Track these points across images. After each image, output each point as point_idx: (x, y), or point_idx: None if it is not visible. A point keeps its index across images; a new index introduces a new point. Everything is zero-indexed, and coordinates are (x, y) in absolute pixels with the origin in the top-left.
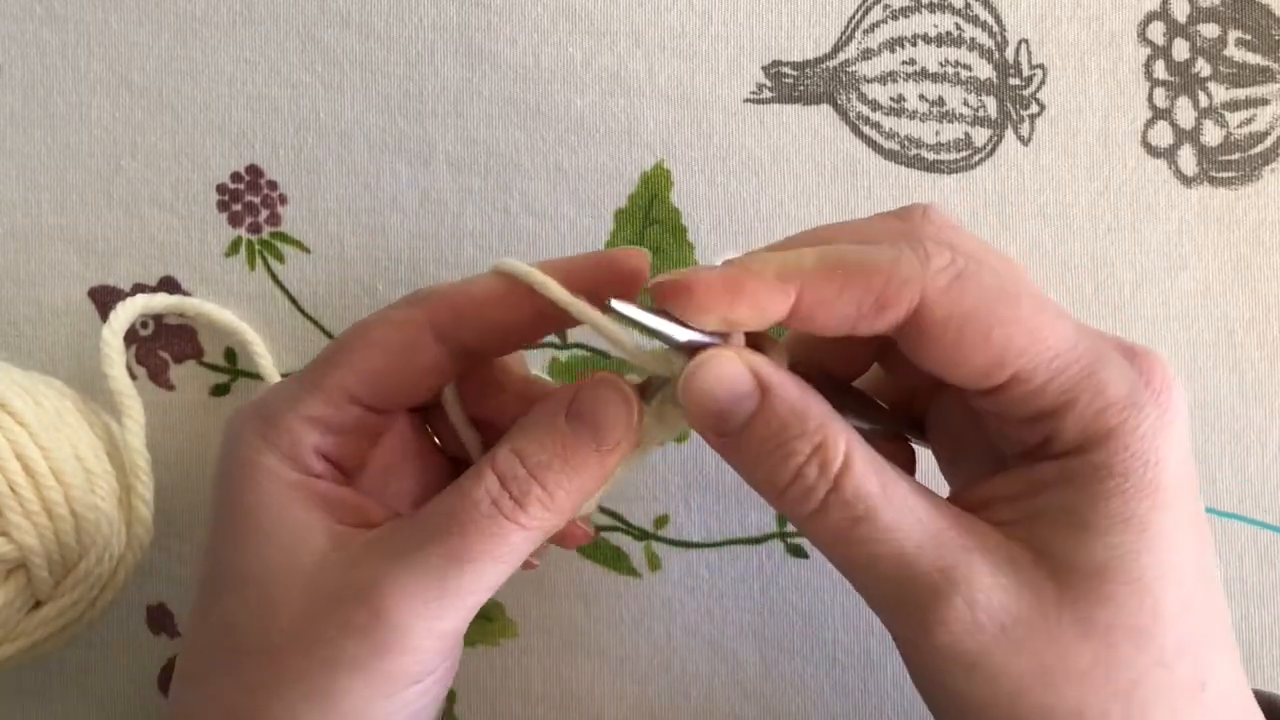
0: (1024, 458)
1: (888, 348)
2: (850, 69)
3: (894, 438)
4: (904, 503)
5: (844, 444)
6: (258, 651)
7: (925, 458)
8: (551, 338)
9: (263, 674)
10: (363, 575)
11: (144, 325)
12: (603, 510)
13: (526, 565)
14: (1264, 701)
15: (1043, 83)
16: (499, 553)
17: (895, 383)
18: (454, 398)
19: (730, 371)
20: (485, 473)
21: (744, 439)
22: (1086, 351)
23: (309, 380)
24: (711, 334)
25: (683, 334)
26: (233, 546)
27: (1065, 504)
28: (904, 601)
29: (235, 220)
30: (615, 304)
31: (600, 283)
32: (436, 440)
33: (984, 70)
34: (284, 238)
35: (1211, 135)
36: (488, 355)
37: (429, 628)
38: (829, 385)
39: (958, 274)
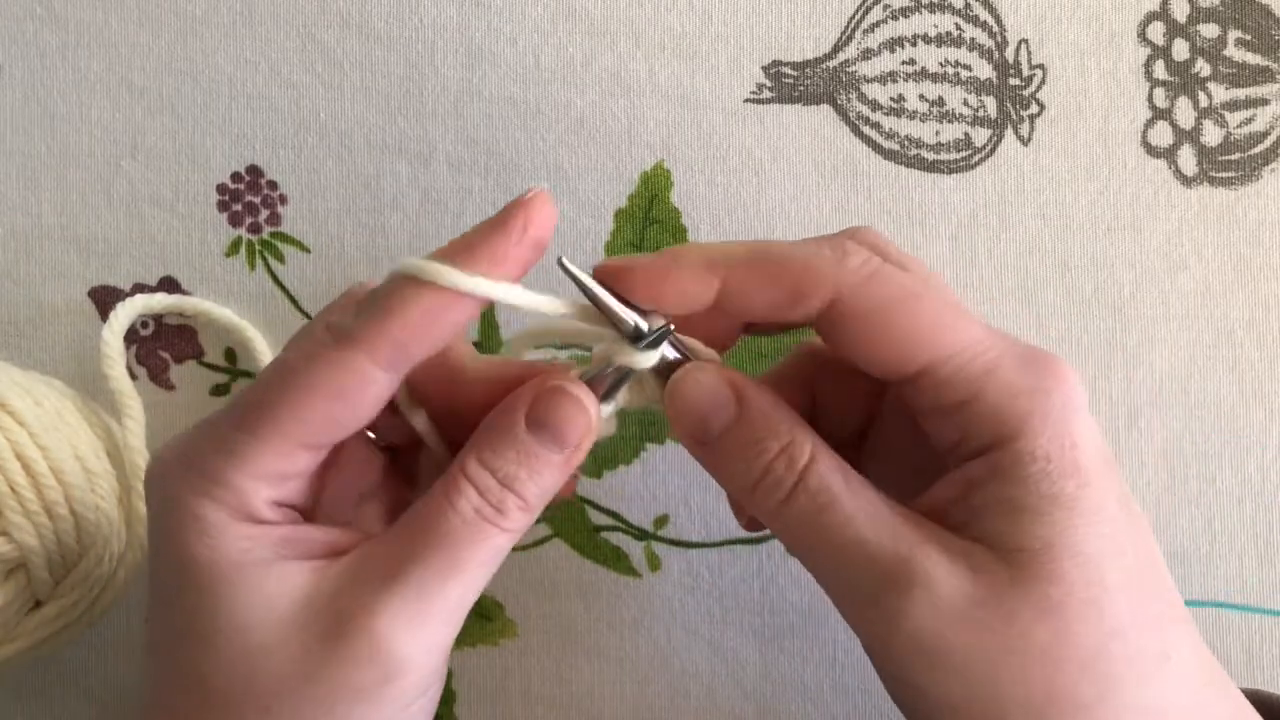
0: (956, 462)
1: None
2: (850, 69)
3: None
4: (864, 496)
5: (810, 444)
6: (241, 701)
7: None
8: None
9: (236, 705)
10: (354, 605)
11: (144, 325)
12: (602, 510)
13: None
14: (1260, 701)
15: (1043, 83)
16: (486, 558)
17: (829, 407)
18: (407, 400)
19: (709, 383)
20: (463, 485)
21: (721, 443)
22: (991, 348)
23: (248, 431)
24: (649, 315)
25: (626, 312)
26: (195, 602)
27: (1000, 494)
28: (867, 591)
29: (235, 220)
30: (564, 262)
31: (512, 251)
32: (370, 434)
33: (984, 70)
34: (284, 238)
35: (1211, 135)
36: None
37: (427, 645)
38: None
39: (872, 273)
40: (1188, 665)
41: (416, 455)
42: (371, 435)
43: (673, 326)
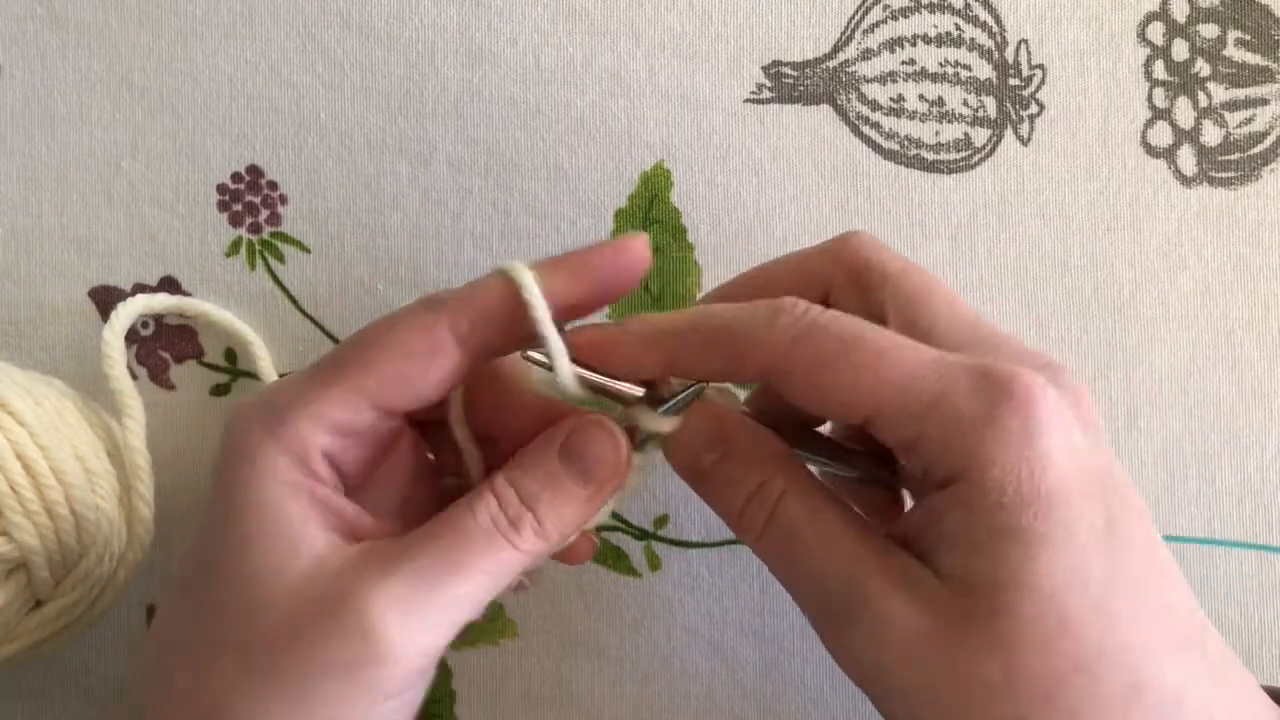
0: (927, 490)
1: None
2: (850, 69)
3: (872, 482)
4: (829, 530)
5: (783, 481)
6: (238, 647)
7: None
8: None
9: (241, 669)
10: (351, 582)
11: (144, 325)
12: None
13: (518, 588)
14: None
15: (1042, 83)
16: (490, 566)
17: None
18: (460, 415)
19: (702, 429)
20: (486, 495)
21: (714, 475)
22: (935, 381)
23: (323, 377)
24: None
25: (622, 387)
26: (226, 539)
27: (956, 526)
28: (825, 618)
29: (235, 220)
30: (532, 355)
31: (605, 282)
32: (431, 456)
33: (984, 70)
34: (284, 238)
35: (1211, 135)
36: (497, 355)
37: (413, 639)
38: (795, 433)
39: (799, 333)
40: (1169, 695)
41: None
42: (432, 457)
43: (705, 388)
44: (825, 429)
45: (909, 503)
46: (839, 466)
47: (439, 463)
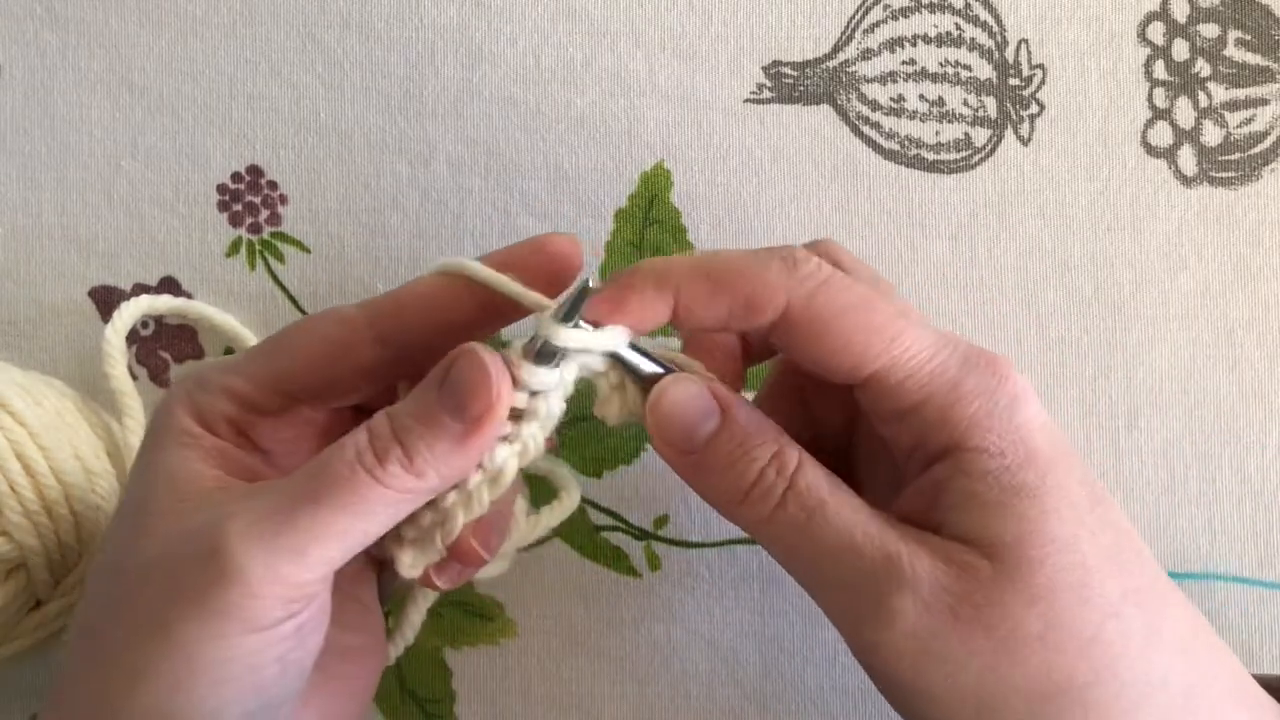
0: (915, 467)
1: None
2: (850, 69)
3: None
4: (850, 501)
5: (797, 451)
6: (117, 572)
7: None
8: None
9: (115, 596)
10: (212, 511)
11: (145, 325)
12: (602, 510)
13: (424, 582)
14: (1269, 685)
15: (1043, 83)
16: (349, 503)
17: (810, 422)
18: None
19: (693, 392)
20: (360, 430)
21: (707, 453)
22: (938, 353)
23: (247, 358)
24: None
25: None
26: (133, 482)
27: (966, 491)
28: (857, 594)
29: (236, 220)
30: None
31: (535, 269)
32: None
33: (984, 70)
34: (284, 238)
35: (1211, 135)
36: (434, 353)
37: (268, 567)
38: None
39: (821, 282)
40: (1181, 636)
41: None
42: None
43: (590, 283)
44: None
45: None
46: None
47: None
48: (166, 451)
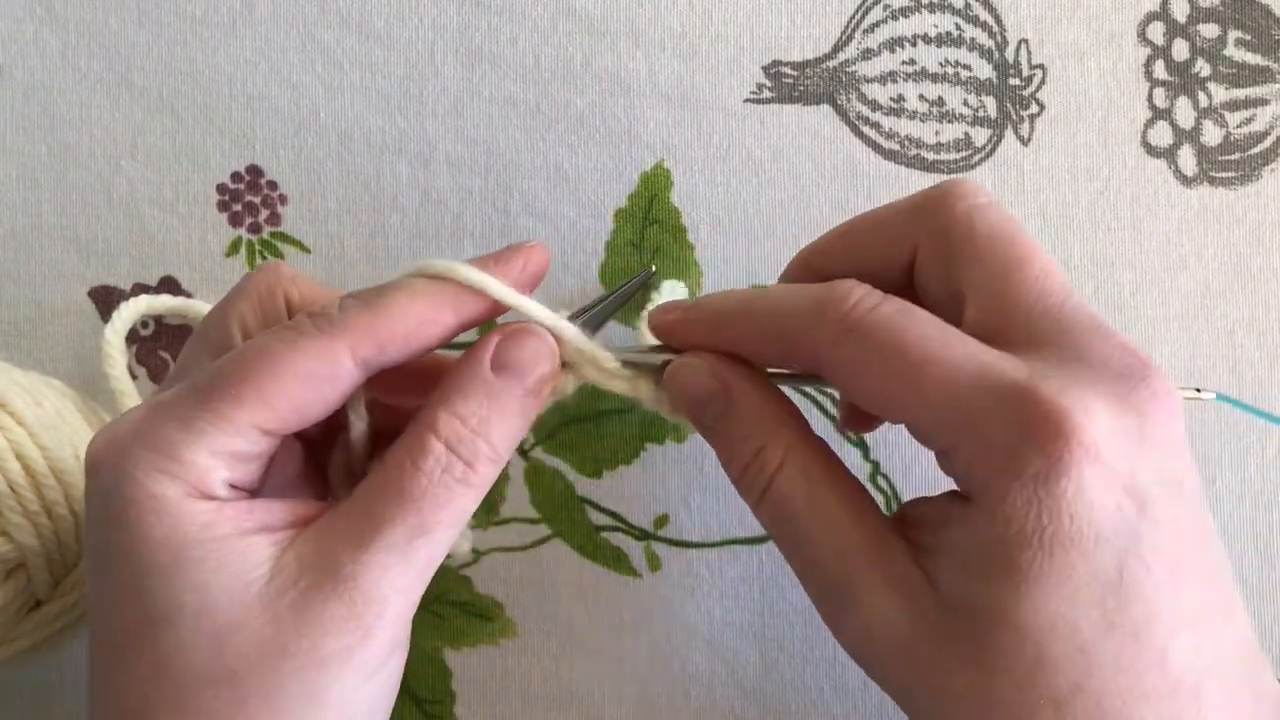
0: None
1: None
2: (850, 69)
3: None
4: (824, 512)
5: (782, 452)
6: (214, 683)
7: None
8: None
9: (230, 698)
10: (331, 569)
11: (144, 325)
12: (602, 510)
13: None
14: None
15: (1043, 83)
16: (455, 518)
17: None
18: (364, 428)
19: (695, 377)
20: (430, 443)
21: (718, 430)
22: (970, 401)
23: (211, 409)
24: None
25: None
26: (154, 585)
27: (961, 544)
28: (820, 595)
29: (235, 220)
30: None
31: (515, 277)
32: None
33: (984, 70)
34: (284, 238)
35: (1211, 135)
36: (406, 365)
37: (402, 603)
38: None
39: (844, 329)
40: None
41: (328, 449)
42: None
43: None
44: None
45: None
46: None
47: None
48: (196, 541)
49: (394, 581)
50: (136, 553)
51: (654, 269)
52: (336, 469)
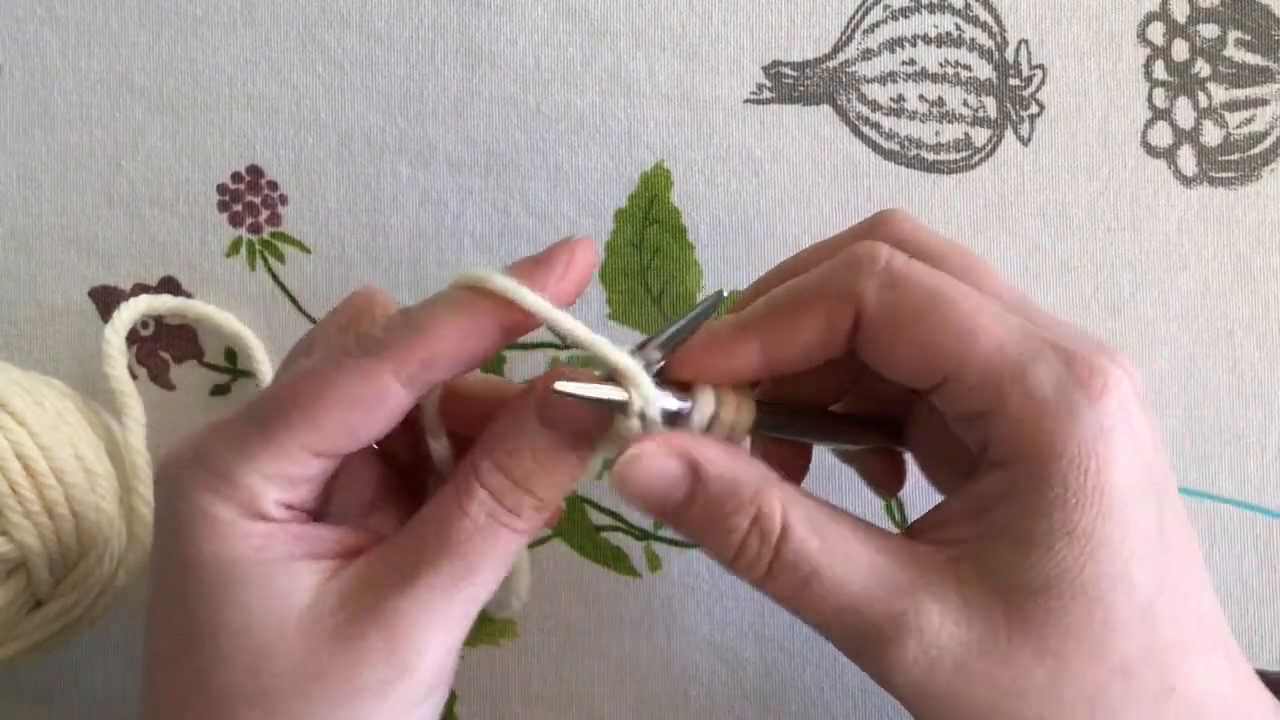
0: (979, 467)
1: (858, 368)
2: (850, 69)
3: (880, 452)
4: (846, 552)
5: (780, 510)
6: (249, 702)
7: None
8: (552, 338)
9: (264, 718)
10: (372, 603)
11: (145, 325)
12: (602, 510)
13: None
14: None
15: (1043, 83)
16: (500, 562)
17: (868, 398)
18: (435, 419)
19: (656, 466)
20: (476, 491)
21: (685, 517)
22: (1027, 350)
23: (262, 432)
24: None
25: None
26: (200, 600)
27: (1010, 519)
28: (862, 649)
29: (236, 220)
30: (561, 386)
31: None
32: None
33: (984, 70)
34: (284, 238)
35: (1211, 135)
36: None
37: (443, 643)
38: (807, 415)
39: (889, 279)
40: (1194, 697)
41: (427, 473)
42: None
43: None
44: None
45: (910, 465)
46: (850, 441)
47: (380, 446)
48: (244, 561)
49: (435, 620)
50: (186, 567)
51: (725, 292)
52: (434, 488)
